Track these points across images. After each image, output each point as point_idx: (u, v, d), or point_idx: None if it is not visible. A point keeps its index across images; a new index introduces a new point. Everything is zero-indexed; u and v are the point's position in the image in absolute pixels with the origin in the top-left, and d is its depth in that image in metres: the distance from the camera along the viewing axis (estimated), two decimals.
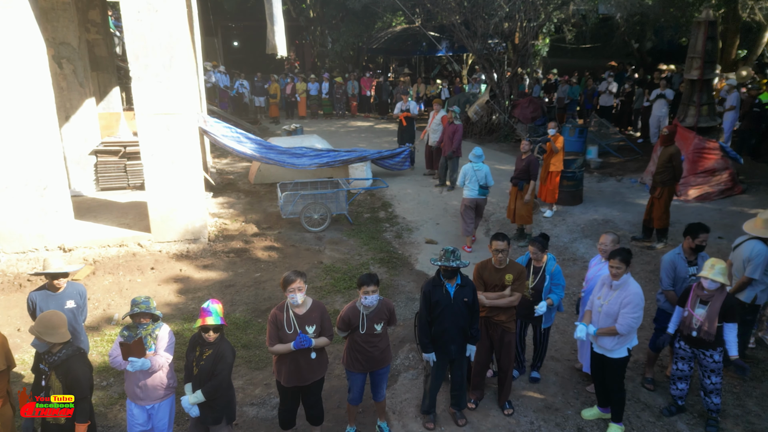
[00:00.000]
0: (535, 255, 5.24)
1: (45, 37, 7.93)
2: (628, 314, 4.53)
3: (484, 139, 16.21)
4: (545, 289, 5.22)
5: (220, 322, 4.00)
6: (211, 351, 4.02)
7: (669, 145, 8.29)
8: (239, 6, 23.81)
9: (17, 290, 7.19)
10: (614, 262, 4.59)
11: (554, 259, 5.36)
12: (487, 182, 8.66)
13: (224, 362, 4.03)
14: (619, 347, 4.68)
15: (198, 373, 4.03)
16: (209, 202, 10.30)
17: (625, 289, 4.61)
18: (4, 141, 7.54)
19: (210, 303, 4.07)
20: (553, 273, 5.25)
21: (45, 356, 3.84)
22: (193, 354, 4.11)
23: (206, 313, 4.01)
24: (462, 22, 16.34)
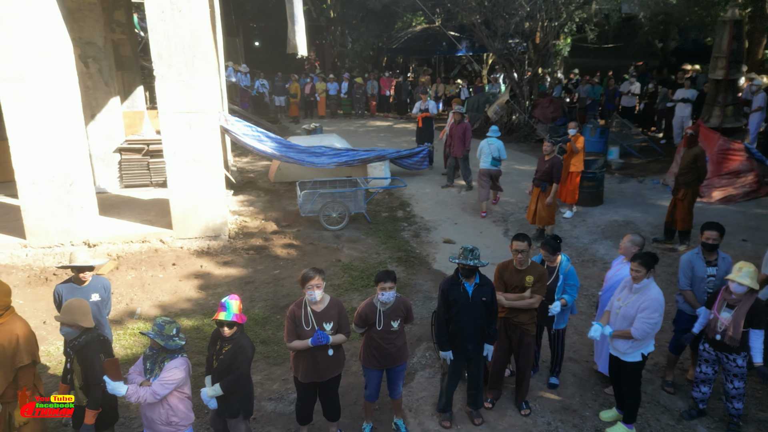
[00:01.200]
0: (547, 258, 5.19)
1: (72, 37, 8.12)
2: (644, 319, 4.46)
3: (504, 139, 16.06)
4: (558, 289, 5.17)
5: (232, 318, 3.95)
6: (231, 345, 4.02)
7: (693, 146, 8.17)
8: (260, 6, 24.04)
9: (43, 284, 7.37)
10: (634, 265, 4.54)
11: (568, 260, 5.30)
12: (500, 155, 9.92)
13: (243, 357, 4.04)
14: (632, 351, 4.62)
15: (217, 366, 4.04)
16: (230, 200, 10.43)
17: (645, 294, 4.54)
18: (32, 138, 7.73)
19: (228, 298, 4.05)
20: (566, 273, 5.20)
21: (70, 341, 3.94)
22: (214, 347, 4.12)
23: (222, 308, 4.01)
24: (482, 21, 16.28)
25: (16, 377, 3.97)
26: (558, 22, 15.90)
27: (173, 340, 3.87)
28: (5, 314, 3.98)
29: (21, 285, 7.30)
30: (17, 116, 7.64)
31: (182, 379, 3.89)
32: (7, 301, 3.99)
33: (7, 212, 9.18)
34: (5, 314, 3.98)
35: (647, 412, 5.10)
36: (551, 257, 5.18)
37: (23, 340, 3.97)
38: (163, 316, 4.01)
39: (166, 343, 3.83)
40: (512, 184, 11.71)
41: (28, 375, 4.04)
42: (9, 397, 3.98)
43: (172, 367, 3.84)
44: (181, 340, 3.92)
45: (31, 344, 4.05)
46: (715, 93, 10.59)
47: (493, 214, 10.25)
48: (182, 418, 3.95)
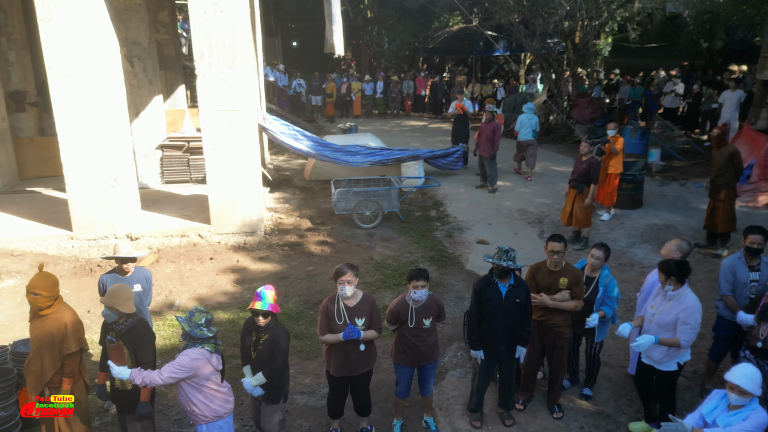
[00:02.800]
0: (597, 262, 5.00)
1: (118, 37, 8.41)
2: (690, 329, 4.35)
3: (541, 140, 15.85)
4: (597, 301, 5.01)
5: (267, 308, 4.00)
6: (268, 336, 4.10)
7: (724, 145, 7.96)
8: (299, 6, 24.33)
9: (88, 275, 7.66)
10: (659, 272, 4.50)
11: (609, 271, 5.13)
12: (537, 128, 12.07)
13: (281, 347, 4.12)
14: (668, 360, 4.50)
15: (257, 356, 4.13)
16: (266, 197, 10.62)
17: (681, 302, 4.41)
18: (80, 134, 8.04)
19: (263, 288, 4.09)
20: (606, 285, 5.03)
21: (113, 326, 4.07)
22: (250, 338, 4.17)
23: (257, 297, 4.05)
24: (520, 21, 16.10)
25: (63, 364, 4.15)
26: (599, 21, 15.57)
27: (200, 329, 3.87)
28: (54, 304, 4.17)
29: (67, 275, 7.60)
30: (67, 113, 7.96)
31: (194, 369, 3.80)
32: (55, 292, 4.18)
33: (54, 205, 9.57)
34: (54, 304, 4.17)
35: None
36: (600, 263, 5.00)
37: (71, 328, 4.15)
38: (198, 306, 4.10)
39: (191, 330, 3.85)
40: (548, 186, 11.55)
41: (75, 362, 4.21)
42: (55, 383, 4.18)
43: (185, 354, 3.82)
44: (209, 331, 3.90)
45: (79, 332, 4.23)
46: (763, 94, 10.21)
47: (528, 215, 10.14)
48: (202, 410, 3.91)
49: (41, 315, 4.14)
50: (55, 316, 4.14)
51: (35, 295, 4.08)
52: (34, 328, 4.17)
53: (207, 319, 3.94)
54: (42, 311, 4.13)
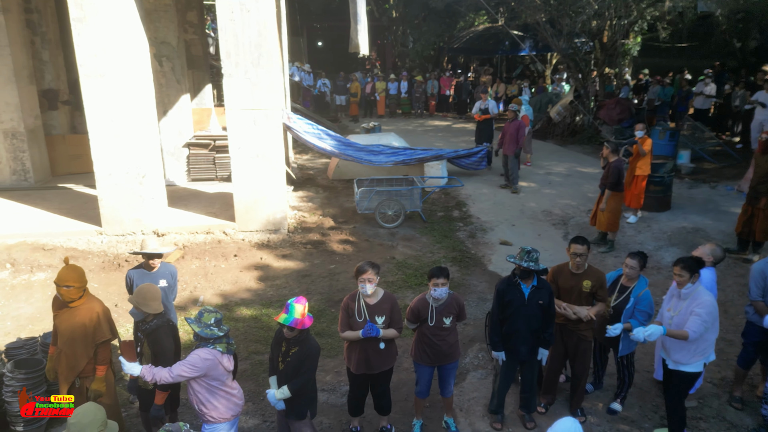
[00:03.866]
0: (632, 272, 4.79)
1: (148, 37, 8.58)
2: (700, 319, 4.24)
3: (567, 140, 15.73)
4: (626, 311, 4.78)
5: (291, 323, 3.83)
6: (298, 348, 3.95)
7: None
8: (324, 6, 24.48)
9: (116, 269, 7.82)
10: (677, 269, 4.35)
11: (646, 283, 4.88)
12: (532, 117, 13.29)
13: (310, 361, 3.99)
14: (695, 360, 4.39)
15: (284, 368, 3.99)
16: (290, 196, 10.71)
17: (695, 298, 4.35)
18: (110, 132, 8.22)
19: (293, 300, 3.91)
20: (639, 297, 4.78)
21: (140, 324, 4.18)
22: (279, 349, 4.05)
23: (284, 309, 3.88)
24: (547, 20, 15.92)
25: (96, 352, 4.28)
26: (628, 21, 15.30)
27: (209, 329, 3.85)
28: (84, 295, 4.29)
29: (96, 270, 7.78)
30: (97, 111, 8.14)
31: (204, 369, 3.78)
32: (85, 282, 4.31)
33: (85, 201, 9.80)
34: (84, 295, 4.29)
35: (711, 428, 4.86)
36: (635, 272, 4.79)
37: (103, 317, 4.31)
38: (208, 306, 4.07)
39: (201, 330, 3.84)
40: (574, 187, 11.40)
41: (107, 349, 4.36)
42: (88, 372, 4.31)
43: (196, 353, 3.81)
44: (219, 330, 3.87)
45: (110, 320, 4.39)
46: None
47: (553, 216, 10.03)
48: (210, 410, 3.89)
49: (71, 306, 4.25)
50: (86, 307, 4.27)
51: (68, 288, 4.19)
52: (63, 320, 4.28)
53: (216, 318, 3.90)
54: (72, 303, 4.24)
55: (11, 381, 4.64)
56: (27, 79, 10.65)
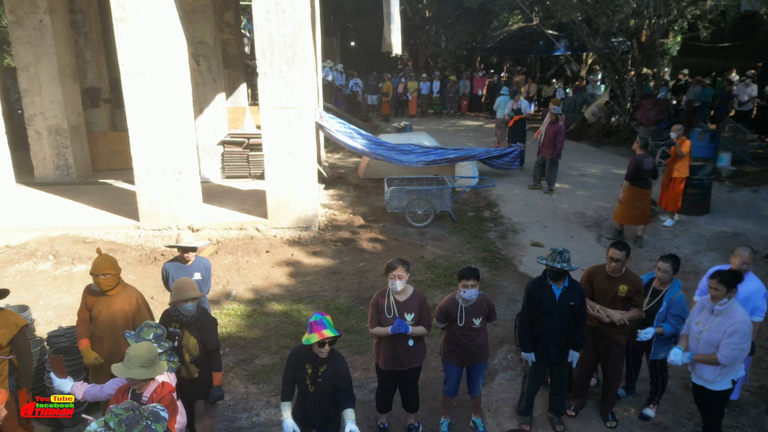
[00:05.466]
0: (664, 275, 4.70)
1: (186, 36, 8.78)
2: (734, 345, 4.00)
3: (601, 141, 15.45)
4: (659, 316, 4.70)
5: (338, 333, 3.64)
6: (326, 366, 3.72)
7: None
8: (358, 6, 24.59)
9: (152, 263, 8.04)
10: (714, 283, 4.09)
11: (680, 286, 4.78)
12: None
13: (347, 376, 3.78)
14: (721, 379, 4.18)
15: (316, 390, 3.74)
16: (321, 194, 10.81)
17: (729, 316, 4.08)
18: (149, 129, 8.45)
19: (320, 315, 3.70)
20: (672, 301, 4.69)
21: (180, 318, 4.24)
22: (304, 372, 3.75)
23: (321, 325, 3.60)
24: (583, 19, 15.65)
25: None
26: (667, 19, 14.92)
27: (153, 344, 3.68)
28: (120, 283, 4.46)
29: (133, 263, 8.01)
30: (137, 109, 8.38)
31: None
32: (120, 270, 4.48)
33: (124, 196, 10.10)
34: (120, 283, 4.46)
35: None
36: (668, 276, 4.70)
37: (142, 302, 4.50)
38: (149, 321, 3.92)
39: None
40: (608, 189, 11.19)
41: None
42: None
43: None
44: (158, 347, 3.68)
45: (147, 305, 4.57)
46: None
47: (586, 218, 9.87)
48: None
49: (108, 294, 4.42)
50: (123, 294, 4.45)
51: (105, 276, 4.35)
52: (101, 309, 4.43)
53: (156, 333, 3.76)
54: (110, 291, 4.40)
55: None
56: (70, 78, 11.03)
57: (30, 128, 10.95)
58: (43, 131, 10.93)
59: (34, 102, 10.75)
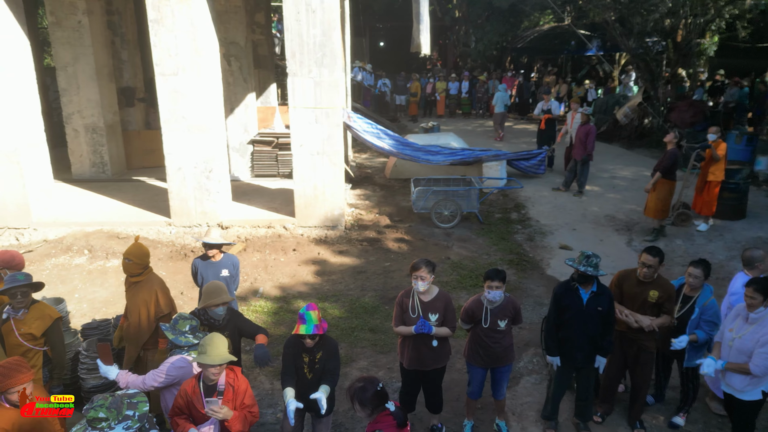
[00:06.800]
0: (695, 281, 4.60)
1: (218, 37, 8.94)
2: (766, 354, 3.91)
3: (634, 144, 15.14)
4: (691, 323, 4.61)
5: (313, 331, 3.73)
6: (322, 352, 3.91)
7: None
8: (387, 7, 24.62)
9: (183, 259, 8.21)
10: (750, 291, 4.00)
11: (711, 292, 4.68)
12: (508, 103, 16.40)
13: (337, 357, 3.99)
14: (751, 388, 4.07)
15: (315, 376, 3.91)
16: (348, 193, 10.87)
17: (764, 325, 3.99)
18: (181, 128, 8.63)
19: (306, 309, 3.80)
20: (705, 307, 4.59)
21: (210, 321, 4.31)
22: (301, 360, 3.92)
23: (301, 320, 3.77)
24: (616, 18, 15.36)
25: (156, 327, 4.58)
26: (704, 19, 14.54)
27: (184, 336, 3.86)
28: (144, 273, 4.61)
29: (164, 259, 8.19)
30: (170, 108, 8.57)
31: (176, 377, 3.74)
32: (146, 261, 4.64)
33: (156, 194, 10.33)
34: (144, 273, 4.61)
35: None
36: (699, 281, 4.59)
37: (161, 293, 4.62)
38: (183, 313, 4.01)
39: (175, 338, 3.85)
40: (640, 192, 10.92)
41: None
42: (150, 344, 4.64)
43: (170, 362, 3.79)
44: (194, 338, 3.85)
45: (168, 296, 4.70)
46: None
47: (616, 222, 9.70)
48: None
49: (133, 282, 4.61)
50: (146, 284, 4.61)
51: (128, 261, 4.56)
52: (130, 295, 4.65)
53: (191, 325, 3.88)
54: (134, 278, 4.59)
55: (86, 359, 4.97)
56: (107, 78, 11.34)
57: (68, 126, 11.30)
58: (80, 129, 11.26)
59: (72, 101, 11.09)
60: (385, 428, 3.07)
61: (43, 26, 17.74)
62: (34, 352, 4.24)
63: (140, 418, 2.89)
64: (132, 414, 2.87)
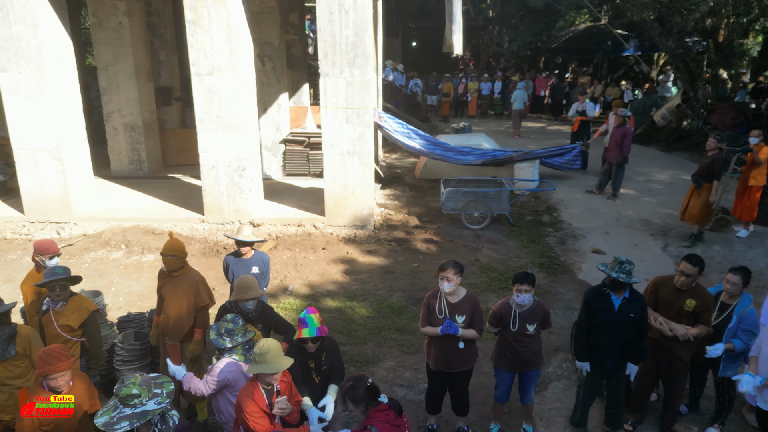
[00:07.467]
0: (733, 288, 4.47)
1: (253, 38, 9.07)
2: None
3: (671, 146, 14.76)
4: (728, 331, 4.47)
5: (316, 334, 3.78)
6: (325, 354, 3.98)
7: None
8: (420, 7, 24.58)
9: (215, 255, 8.36)
10: None
11: (750, 300, 4.53)
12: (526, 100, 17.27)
13: (339, 355, 4.06)
14: None
15: (322, 378, 4.00)
16: (377, 193, 10.90)
17: None
18: (215, 126, 8.80)
19: (307, 312, 3.86)
20: (743, 315, 4.45)
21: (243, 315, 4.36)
22: (308, 367, 3.96)
23: (303, 323, 3.80)
24: (655, 18, 14.99)
25: (196, 317, 4.73)
26: (747, 18, 14.06)
27: (221, 338, 3.89)
28: (184, 265, 4.73)
29: (197, 255, 8.36)
30: (205, 107, 8.74)
31: (224, 381, 3.79)
32: (186, 254, 4.77)
33: (190, 191, 10.56)
34: (184, 265, 4.73)
35: None
36: (737, 288, 4.46)
37: (201, 284, 4.76)
38: (229, 315, 4.02)
39: (215, 338, 3.90)
40: (677, 196, 10.67)
41: (205, 315, 4.79)
42: (187, 336, 4.75)
43: (216, 366, 3.85)
44: (230, 342, 3.88)
45: (207, 288, 4.83)
46: None
47: (652, 226, 9.47)
48: (228, 419, 3.89)
49: (174, 276, 4.71)
50: (187, 276, 4.74)
51: (172, 257, 4.65)
52: (168, 289, 4.74)
53: (227, 328, 3.91)
54: (175, 272, 4.70)
55: (122, 351, 5.12)
56: (146, 77, 11.64)
57: (108, 124, 11.65)
58: (119, 127, 11.60)
59: (112, 100, 11.43)
60: (377, 423, 3.10)
61: (85, 27, 18.33)
62: (72, 342, 4.39)
63: (168, 395, 3.05)
64: (160, 392, 3.04)
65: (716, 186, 8.08)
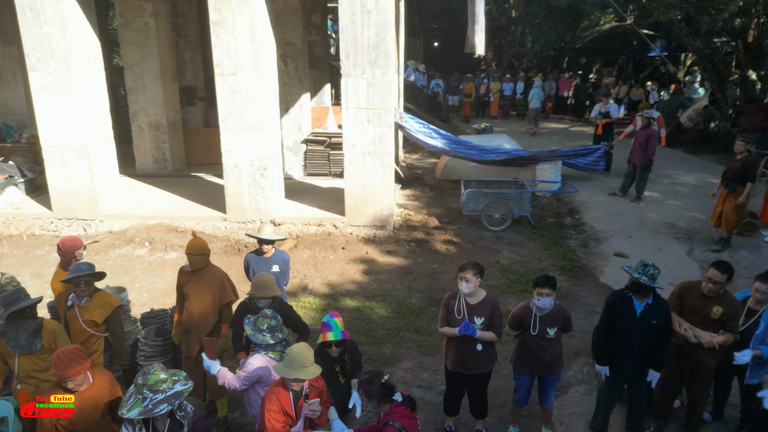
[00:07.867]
0: (763, 297, 4.37)
1: (275, 38, 9.15)
2: None
3: (698, 148, 14.47)
4: (756, 337, 4.39)
5: (341, 337, 3.82)
6: (347, 355, 4.03)
7: None
8: (443, 7, 24.51)
9: (236, 254, 8.45)
10: None
11: None
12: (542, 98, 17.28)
13: (357, 349, 4.16)
14: None
15: (346, 379, 4.05)
16: (397, 193, 10.90)
17: None
18: (238, 126, 8.89)
19: (330, 316, 3.89)
20: None
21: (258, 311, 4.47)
22: (334, 371, 4.02)
23: (327, 327, 3.84)
24: (682, 18, 14.71)
25: (221, 312, 4.81)
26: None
27: (261, 334, 3.87)
28: (209, 263, 4.79)
29: (219, 253, 8.46)
30: (228, 107, 8.84)
31: (256, 377, 3.81)
32: (209, 251, 4.83)
33: (213, 190, 10.69)
34: (209, 263, 4.79)
35: None
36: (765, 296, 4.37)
37: (227, 281, 4.84)
38: (266, 311, 4.00)
39: (253, 334, 3.89)
40: (703, 199, 10.45)
41: (230, 309, 4.86)
42: (213, 332, 4.83)
43: (249, 362, 3.85)
44: (272, 338, 3.88)
45: (232, 284, 4.91)
46: None
47: (677, 229, 9.29)
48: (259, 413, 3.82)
49: (199, 273, 4.77)
50: (211, 273, 4.81)
51: (199, 256, 4.71)
52: (192, 287, 4.78)
53: (270, 325, 3.91)
54: (200, 270, 4.76)
55: (144, 346, 5.21)
56: (171, 77, 11.82)
57: (133, 123, 11.86)
58: (144, 126, 11.80)
59: (138, 99, 11.63)
60: (398, 418, 3.25)
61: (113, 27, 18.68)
62: (96, 337, 4.48)
63: (186, 378, 3.21)
64: (179, 378, 3.19)
65: (749, 188, 7.96)
